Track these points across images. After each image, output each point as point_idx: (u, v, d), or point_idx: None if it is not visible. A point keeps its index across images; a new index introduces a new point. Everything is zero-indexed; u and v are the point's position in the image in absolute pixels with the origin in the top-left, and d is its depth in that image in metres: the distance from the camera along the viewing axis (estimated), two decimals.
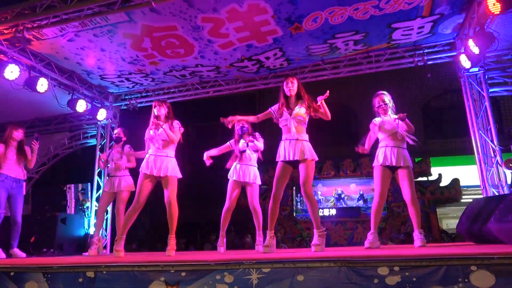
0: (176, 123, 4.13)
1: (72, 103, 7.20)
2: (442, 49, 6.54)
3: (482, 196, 5.95)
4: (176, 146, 4.19)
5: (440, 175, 10.09)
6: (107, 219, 7.74)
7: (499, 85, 6.50)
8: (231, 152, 4.66)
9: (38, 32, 5.51)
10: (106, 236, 7.67)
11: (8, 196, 4.82)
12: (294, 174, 3.66)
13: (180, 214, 4.01)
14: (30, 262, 3.04)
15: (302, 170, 3.53)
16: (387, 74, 7.97)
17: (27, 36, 5.48)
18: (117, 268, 2.54)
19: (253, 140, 4.46)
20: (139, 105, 8.11)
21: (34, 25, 5.38)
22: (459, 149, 10.09)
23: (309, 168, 3.52)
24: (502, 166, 5.72)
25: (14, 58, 5.99)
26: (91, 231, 7.60)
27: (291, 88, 3.67)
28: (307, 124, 3.71)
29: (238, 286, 2.27)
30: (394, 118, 4.03)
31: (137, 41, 5.92)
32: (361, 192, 10.56)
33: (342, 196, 10.74)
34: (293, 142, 3.56)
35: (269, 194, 4.06)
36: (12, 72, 5.78)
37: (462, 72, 6.31)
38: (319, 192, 10.84)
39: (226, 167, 4.62)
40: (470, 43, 5.36)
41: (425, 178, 10.41)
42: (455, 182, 9.90)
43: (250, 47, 6.23)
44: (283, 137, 3.67)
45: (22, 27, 5.34)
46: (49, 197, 8.57)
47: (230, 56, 6.50)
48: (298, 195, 10.70)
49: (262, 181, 4.78)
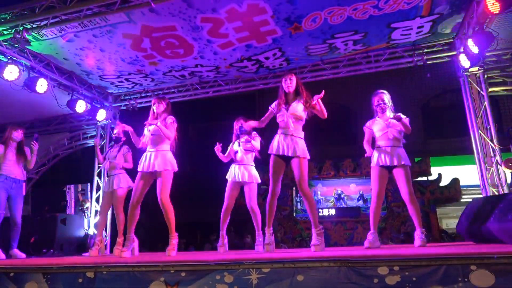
0: (169, 118, 4.01)
1: (71, 104, 7.20)
2: (441, 48, 6.55)
3: (481, 195, 5.95)
4: (172, 142, 4.05)
5: (439, 175, 10.09)
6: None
7: (499, 84, 6.51)
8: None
9: (38, 32, 5.52)
10: (106, 236, 7.67)
11: (8, 196, 4.81)
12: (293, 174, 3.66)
13: (180, 214, 3.97)
14: (30, 262, 3.04)
15: (296, 168, 3.55)
16: (387, 74, 7.96)
17: (27, 36, 5.48)
18: (117, 268, 2.54)
19: (250, 140, 4.47)
20: (139, 105, 8.11)
21: (34, 25, 5.38)
22: (459, 148, 10.08)
23: (302, 165, 3.53)
24: (501, 166, 5.73)
25: (14, 58, 5.99)
26: (91, 232, 7.60)
27: (289, 84, 3.70)
28: (306, 123, 3.71)
29: (238, 286, 2.27)
30: (387, 117, 4.03)
31: (136, 41, 5.92)
32: (361, 192, 10.56)
33: (342, 196, 10.74)
34: (288, 138, 3.58)
35: None
36: (11, 72, 5.78)
37: (462, 71, 6.32)
38: (319, 192, 10.84)
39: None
40: (469, 43, 5.36)
41: (425, 178, 10.42)
42: (455, 181, 9.90)
43: (249, 47, 6.24)
44: (279, 131, 3.68)
45: (21, 28, 5.34)
46: (49, 197, 8.56)
47: (229, 56, 6.51)
48: (298, 195, 10.69)
49: (262, 181, 4.78)
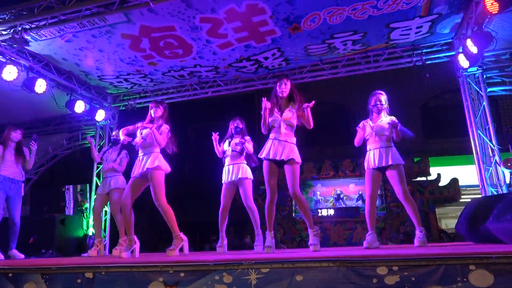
0: (165, 127, 4.01)
1: (70, 104, 7.19)
2: (440, 48, 6.56)
3: (480, 195, 5.96)
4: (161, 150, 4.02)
5: (439, 175, 10.09)
6: (106, 220, 7.73)
7: (497, 84, 6.51)
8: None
9: (36, 33, 5.50)
10: (105, 237, 7.66)
11: (6, 197, 4.81)
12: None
13: (179, 215, 3.96)
14: (29, 263, 3.03)
15: (289, 172, 3.58)
16: (386, 74, 7.97)
17: (25, 37, 5.47)
18: (115, 269, 2.53)
19: (243, 142, 4.51)
20: (138, 105, 8.10)
21: (32, 26, 5.38)
22: (458, 148, 10.08)
23: (295, 170, 3.59)
24: (500, 166, 5.73)
25: (12, 59, 5.98)
26: (90, 232, 7.60)
27: (284, 89, 3.73)
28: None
29: (237, 286, 2.26)
30: (380, 119, 4.04)
31: (135, 41, 5.91)
32: (360, 192, 10.54)
33: (341, 196, 10.74)
34: (281, 143, 3.62)
35: None
36: (10, 73, 5.78)
37: (460, 71, 6.32)
38: (318, 192, 10.84)
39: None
40: (468, 43, 5.36)
41: (424, 178, 10.41)
42: (454, 181, 9.90)
43: (248, 47, 6.23)
44: (272, 136, 3.69)
45: (20, 28, 5.34)
46: (47, 198, 8.52)
47: (228, 56, 6.50)
48: None
49: (261, 182, 4.78)
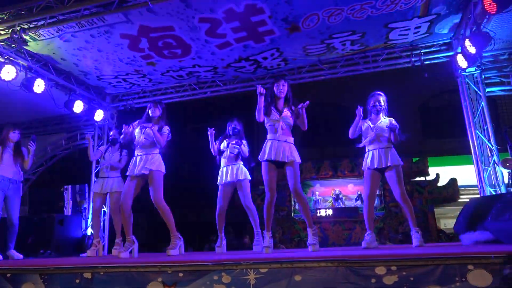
0: (166, 128, 4.07)
1: (69, 104, 7.17)
2: (438, 49, 6.56)
3: (479, 195, 5.96)
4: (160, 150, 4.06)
5: (437, 175, 10.10)
6: (104, 220, 7.72)
7: (496, 84, 6.51)
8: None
9: (35, 32, 5.50)
10: (103, 237, 7.64)
11: (5, 197, 4.80)
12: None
13: (179, 215, 3.98)
14: (27, 263, 3.02)
15: (291, 172, 3.60)
16: (385, 74, 7.98)
17: (24, 36, 5.46)
18: (114, 269, 2.53)
19: (239, 144, 4.53)
20: (136, 105, 8.07)
21: (31, 25, 5.37)
22: (457, 149, 10.10)
23: (296, 170, 3.62)
24: (499, 166, 5.74)
25: (11, 58, 5.96)
26: (89, 233, 7.58)
27: (282, 90, 3.77)
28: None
29: (235, 286, 2.26)
30: (379, 120, 4.06)
31: (134, 41, 5.91)
32: (359, 192, 10.52)
33: (340, 196, 10.73)
34: (281, 144, 3.62)
35: None
36: (8, 73, 5.76)
37: (459, 72, 6.32)
38: (317, 192, 10.83)
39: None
40: (467, 43, 5.36)
41: (422, 178, 10.41)
42: (453, 182, 9.91)
43: (247, 48, 6.23)
44: (270, 136, 3.69)
45: (18, 28, 5.33)
46: (46, 198, 8.50)
47: (227, 56, 6.50)
48: None
49: (260, 182, 4.79)
